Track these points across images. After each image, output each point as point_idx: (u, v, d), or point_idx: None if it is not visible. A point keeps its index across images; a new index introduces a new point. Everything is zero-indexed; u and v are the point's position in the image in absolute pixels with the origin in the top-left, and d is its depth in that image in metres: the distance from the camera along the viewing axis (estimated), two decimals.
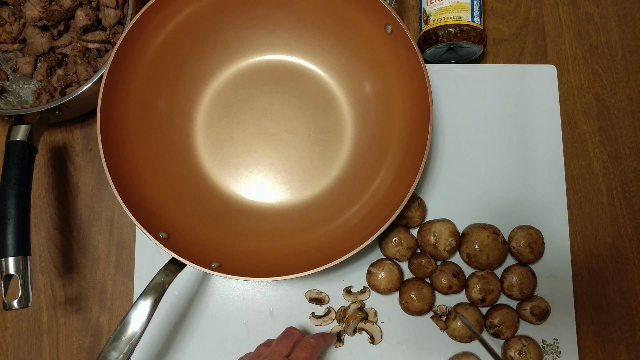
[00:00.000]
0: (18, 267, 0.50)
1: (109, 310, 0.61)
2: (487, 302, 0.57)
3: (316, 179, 0.60)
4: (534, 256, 0.58)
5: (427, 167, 0.62)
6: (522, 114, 0.64)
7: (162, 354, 0.58)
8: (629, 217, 0.63)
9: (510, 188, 0.62)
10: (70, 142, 0.65)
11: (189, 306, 0.59)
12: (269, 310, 0.59)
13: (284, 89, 0.62)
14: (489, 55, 0.68)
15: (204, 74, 0.62)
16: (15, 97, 0.63)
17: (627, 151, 0.65)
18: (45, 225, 0.63)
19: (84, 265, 0.62)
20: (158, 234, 0.50)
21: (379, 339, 0.58)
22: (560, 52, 0.68)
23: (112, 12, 0.61)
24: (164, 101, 0.59)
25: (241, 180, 0.61)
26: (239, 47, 0.62)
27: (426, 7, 0.62)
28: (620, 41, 0.68)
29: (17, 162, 0.52)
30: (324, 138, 0.61)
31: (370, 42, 0.58)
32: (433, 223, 0.58)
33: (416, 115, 0.54)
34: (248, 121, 0.62)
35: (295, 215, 0.59)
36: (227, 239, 0.56)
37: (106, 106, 0.52)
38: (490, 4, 0.69)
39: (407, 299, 0.57)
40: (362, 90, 0.61)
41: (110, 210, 0.63)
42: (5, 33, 0.62)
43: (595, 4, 0.69)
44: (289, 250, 0.56)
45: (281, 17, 0.61)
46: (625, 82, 0.67)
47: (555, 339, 0.58)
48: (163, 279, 0.49)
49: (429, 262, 0.58)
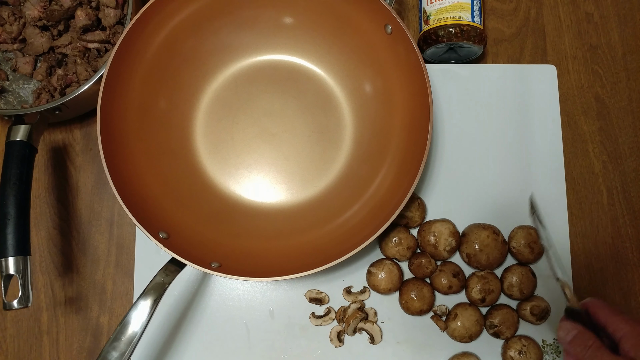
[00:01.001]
0: (18, 267, 0.50)
1: (109, 310, 0.61)
2: (487, 302, 0.57)
3: (316, 179, 0.60)
4: (534, 256, 0.58)
5: (427, 167, 0.62)
6: (522, 114, 0.64)
7: (162, 354, 0.58)
8: (629, 217, 0.63)
9: (510, 188, 0.62)
10: (70, 142, 0.65)
11: (189, 306, 0.59)
12: (269, 310, 0.59)
13: (284, 89, 0.62)
14: (489, 55, 0.68)
15: (204, 74, 0.62)
16: (15, 97, 0.63)
17: (627, 151, 0.65)
18: (45, 225, 0.63)
19: (84, 265, 0.62)
20: (158, 234, 0.50)
21: (379, 339, 0.58)
22: (560, 52, 0.68)
23: (112, 12, 0.61)
24: (164, 101, 0.59)
25: (241, 180, 0.61)
26: (239, 47, 0.62)
27: (426, 7, 0.62)
28: (620, 41, 0.68)
29: (17, 162, 0.52)
30: (324, 138, 0.61)
31: (370, 42, 0.58)
32: (433, 223, 0.58)
33: (416, 115, 0.54)
34: (248, 121, 0.62)
35: (295, 215, 0.59)
36: (227, 239, 0.56)
37: (106, 106, 0.52)
38: (490, 4, 0.69)
39: (407, 299, 0.57)
40: (362, 90, 0.61)
41: (110, 210, 0.63)
42: (5, 33, 0.62)
43: (595, 4, 0.69)
44: (289, 250, 0.56)
45: (281, 17, 0.61)
46: (625, 82, 0.67)
47: (555, 339, 0.58)
48: (163, 279, 0.49)
49: (429, 262, 0.58)
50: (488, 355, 0.58)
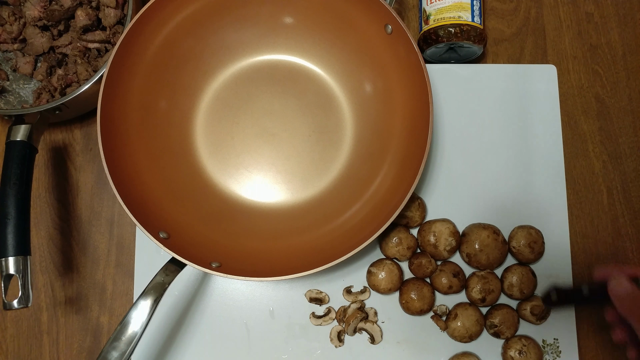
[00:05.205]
0: (18, 267, 0.50)
1: (109, 310, 0.61)
2: (487, 302, 0.57)
3: (316, 179, 0.60)
4: (534, 256, 0.58)
5: (427, 167, 0.62)
6: (522, 114, 0.64)
7: (162, 354, 0.58)
8: (629, 217, 0.63)
9: (510, 188, 0.62)
10: (70, 142, 0.65)
11: (189, 306, 0.59)
12: (269, 310, 0.59)
13: (284, 89, 0.62)
14: (489, 55, 0.68)
15: (204, 74, 0.62)
16: (15, 97, 0.63)
17: (627, 151, 0.65)
18: (45, 225, 0.63)
19: (84, 265, 0.62)
20: (158, 233, 0.50)
21: (379, 338, 0.58)
22: (560, 52, 0.68)
23: (112, 11, 0.61)
24: (164, 101, 0.59)
25: (241, 180, 0.61)
26: (239, 46, 0.62)
27: (426, 7, 0.62)
28: (620, 41, 0.68)
29: (17, 162, 0.52)
30: (324, 138, 0.61)
31: (370, 42, 0.58)
32: (433, 223, 0.58)
33: (416, 115, 0.54)
34: (248, 121, 0.62)
35: (295, 215, 0.59)
36: (227, 239, 0.56)
37: (106, 106, 0.52)
38: (490, 4, 0.69)
39: (407, 299, 0.57)
40: (362, 90, 0.61)
41: (110, 210, 0.63)
42: (6, 33, 0.62)
43: (595, 4, 0.69)
44: (289, 250, 0.56)
45: (281, 16, 0.61)
46: (625, 82, 0.67)
47: (555, 339, 0.58)
48: (163, 279, 0.49)
49: (429, 262, 0.58)
50: (488, 355, 0.58)
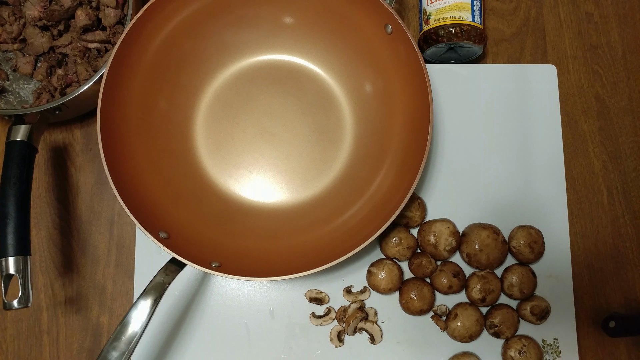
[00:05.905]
0: (18, 267, 0.50)
1: (109, 310, 0.61)
2: (487, 302, 0.57)
3: (316, 179, 0.60)
4: (534, 256, 0.58)
5: (427, 167, 0.62)
6: (522, 114, 0.64)
7: (162, 354, 0.58)
8: (629, 217, 0.63)
9: (510, 188, 0.62)
10: (70, 142, 0.65)
11: (189, 306, 0.59)
12: (269, 310, 0.59)
13: (283, 89, 0.62)
14: (489, 55, 0.68)
15: (204, 74, 0.62)
16: (15, 97, 0.63)
17: (627, 151, 0.65)
18: (45, 225, 0.63)
19: (84, 265, 0.62)
20: (158, 233, 0.50)
21: (379, 338, 0.58)
22: (560, 52, 0.68)
23: (112, 11, 0.61)
24: (164, 101, 0.59)
25: (241, 180, 0.61)
26: (239, 47, 0.62)
27: (426, 7, 0.62)
28: (620, 41, 0.68)
29: (17, 162, 0.52)
30: (324, 138, 0.61)
31: (370, 42, 0.58)
32: (433, 223, 0.58)
33: (416, 115, 0.54)
34: (248, 121, 0.62)
35: (295, 215, 0.59)
36: (227, 238, 0.56)
37: (106, 106, 0.52)
38: (490, 4, 0.69)
39: (407, 299, 0.57)
40: (362, 90, 0.61)
41: (110, 210, 0.63)
42: (5, 33, 0.62)
43: (595, 4, 0.69)
44: (289, 250, 0.56)
45: (281, 16, 0.61)
46: (625, 82, 0.67)
47: (555, 339, 0.58)
48: (163, 279, 0.49)
49: (429, 262, 0.58)
50: (488, 355, 0.58)
